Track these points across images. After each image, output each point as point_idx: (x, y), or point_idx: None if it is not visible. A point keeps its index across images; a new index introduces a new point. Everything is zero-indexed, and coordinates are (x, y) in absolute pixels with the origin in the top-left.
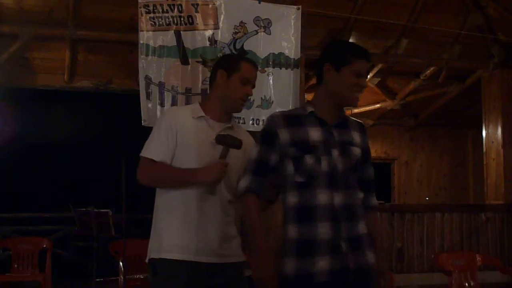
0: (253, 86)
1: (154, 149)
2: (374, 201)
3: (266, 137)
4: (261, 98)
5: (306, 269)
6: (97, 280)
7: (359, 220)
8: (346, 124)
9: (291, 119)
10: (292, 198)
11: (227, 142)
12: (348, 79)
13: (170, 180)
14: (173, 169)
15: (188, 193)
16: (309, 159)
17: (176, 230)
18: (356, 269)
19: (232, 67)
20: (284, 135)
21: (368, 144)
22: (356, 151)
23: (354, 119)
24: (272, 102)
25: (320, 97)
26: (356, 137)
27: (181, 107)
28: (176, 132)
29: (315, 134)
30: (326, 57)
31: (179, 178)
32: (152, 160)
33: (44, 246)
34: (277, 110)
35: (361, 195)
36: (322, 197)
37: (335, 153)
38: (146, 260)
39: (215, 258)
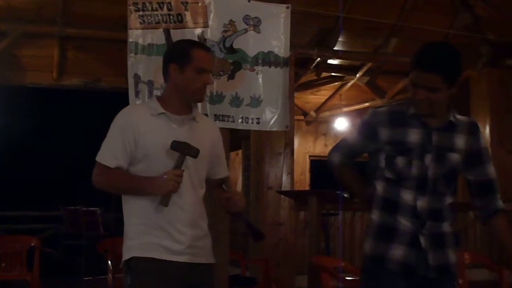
0: (210, 71)
1: (108, 155)
2: (499, 203)
3: (365, 130)
4: (250, 96)
5: (381, 252)
6: (86, 278)
7: (444, 221)
8: (453, 127)
9: (394, 117)
10: (379, 187)
11: (183, 150)
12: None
13: (124, 189)
14: (127, 178)
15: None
16: (400, 161)
17: (149, 229)
18: (437, 266)
19: (184, 58)
20: (384, 132)
21: (481, 144)
22: (454, 157)
23: (466, 119)
24: (262, 100)
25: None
26: (460, 140)
27: (137, 105)
28: (134, 134)
29: (413, 136)
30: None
31: (132, 187)
32: (106, 167)
33: (33, 244)
34: (267, 109)
35: (449, 200)
36: (406, 196)
37: (428, 158)
38: (121, 265)
39: (186, 257)
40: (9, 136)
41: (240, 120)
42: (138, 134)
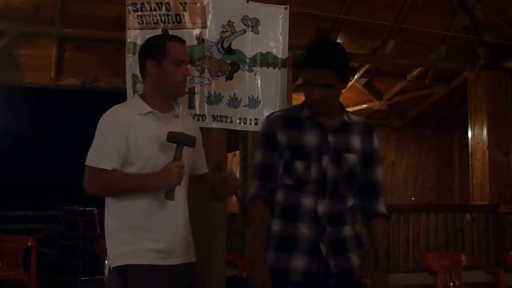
0: (188, 63)
1: (103, 158)
2: (380, 207)
3: (266, 140)
4: (249, 97)
5: (283, 264)
6: (83, 278)
7: (345, 225)
8: (348, 128)
9: (289, 121)
10: (280, 196)
11: (180, 140)
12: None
13: (124, 189)
14: (127, 177)
15: (149, 194)
16: (299, 165)
17: (145, 232)
18: (338, 272)
19: (160, 53)
20: (282, 137)
21: (374, 146)
22: (351, 158)
23: (360, 120)
24: (260, 101)
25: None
26: (356, 141)
27: (122, 105)
28: (126, 136)
29: (310, 138)
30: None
31: (134, 186)
32: (102, 170)
33: (29, 244)
34: (265, 110)
35: (350, 202)
36: (306, 201)
37: (326, 160)
38: (107, 270)
39: (179, 259)
40: (6, 136)
41: (238, 121)
42: (129, 136)
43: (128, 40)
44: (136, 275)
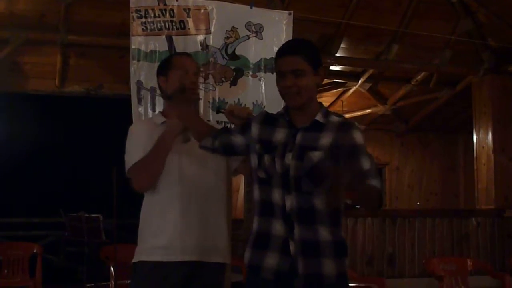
0: (196, 74)
1: (135, 157)
2: (371, 182)
3: (243, 124)
4: (253, 103)
5: (256, 261)
6: (88, 285)
7: (319, 225)
8: (319, 127)
9: (267, 118)
10: (256, 192)
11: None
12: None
13: (154, 159)
14: (152, 149)
15: (168, 193)
16: (266, 159)
17: (155, 230)
18: (306, 276)
19: (166, 68)
20: (254, 130)
21: (354, 141)
22: (315, 155)
23: (338, 119)
24: (264, 106)
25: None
26: (326, 139)
27: (144, 119)
28: (147, 141)
29: (279, 136)
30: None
31: (157, 149)
32: (137, 162)
33: (35, 251)
34: None
35: (319, 201)
36: (275, 195)
37: (289, 156)
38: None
39: (195, 256)
40: (11, 143)
41: None
42: (146, 140)
43: (133, 46)
44: (141, 271)
